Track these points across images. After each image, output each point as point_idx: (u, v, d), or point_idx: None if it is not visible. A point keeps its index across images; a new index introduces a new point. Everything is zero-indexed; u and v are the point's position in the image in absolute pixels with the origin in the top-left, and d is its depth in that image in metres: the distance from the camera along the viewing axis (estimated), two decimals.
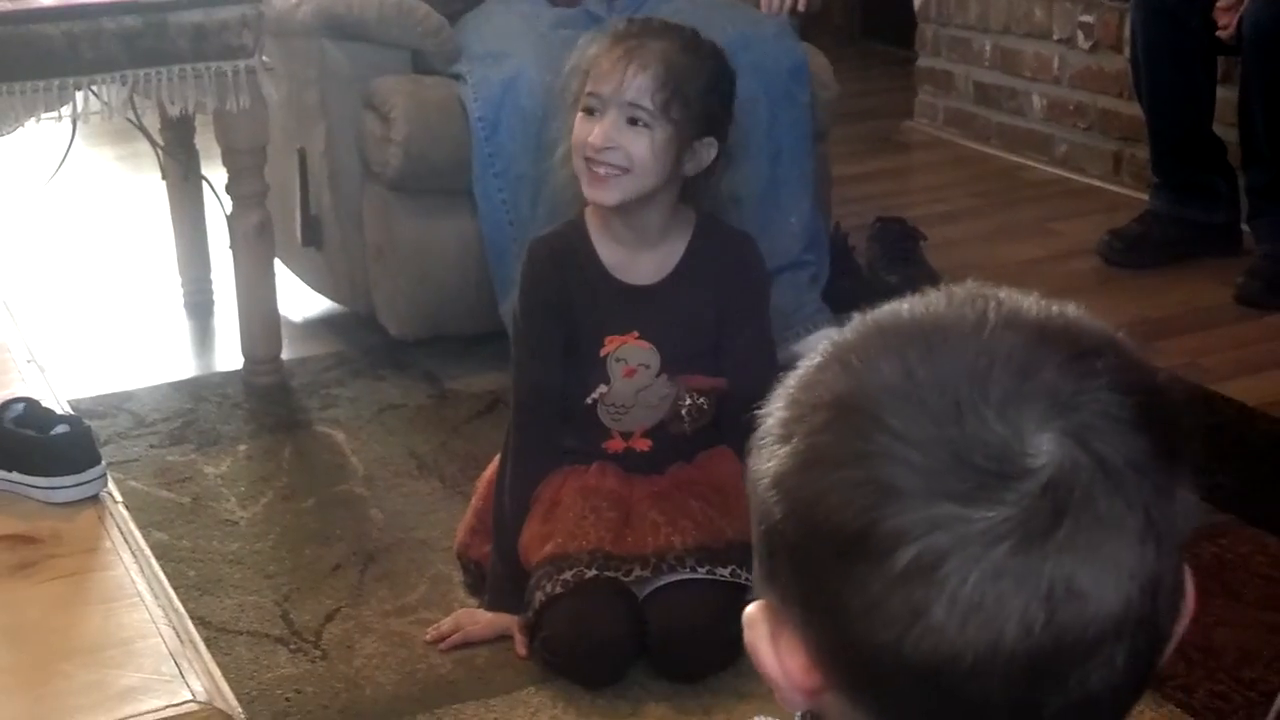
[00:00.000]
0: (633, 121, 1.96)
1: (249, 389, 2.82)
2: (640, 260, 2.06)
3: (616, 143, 1.96)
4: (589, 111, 1.99)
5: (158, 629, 1.37)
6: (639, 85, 1.96)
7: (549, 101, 2.65)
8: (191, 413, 2.74)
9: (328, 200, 2.98)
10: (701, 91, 1.99)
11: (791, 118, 2.87)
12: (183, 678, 1.30)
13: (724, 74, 2.04)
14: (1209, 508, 2.33)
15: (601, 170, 1.97)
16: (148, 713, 1.26)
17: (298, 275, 3.18)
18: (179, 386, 2.85)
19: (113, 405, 2.75)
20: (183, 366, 2.97)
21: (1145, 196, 3.51)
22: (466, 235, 2.84)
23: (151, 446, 2.61)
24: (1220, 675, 1.94)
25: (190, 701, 1.27)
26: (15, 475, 1.63)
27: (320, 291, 3.18)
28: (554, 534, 2.01)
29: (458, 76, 2.86)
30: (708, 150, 2.02)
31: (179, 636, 1.36)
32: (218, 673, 1.33)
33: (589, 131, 1.97)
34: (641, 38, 2.00)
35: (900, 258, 3.22)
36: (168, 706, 1.26)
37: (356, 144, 2.90)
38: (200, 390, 2.83)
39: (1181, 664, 1.96)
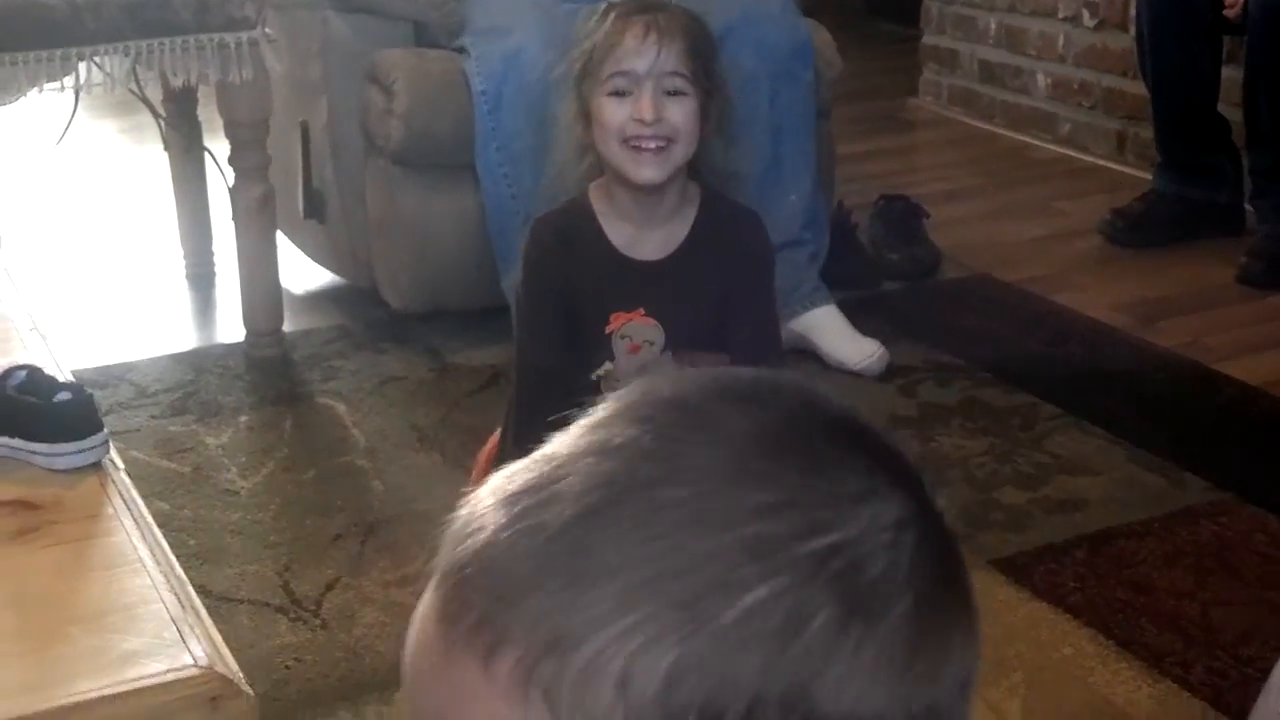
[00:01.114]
0: (669, 92, 1.97)
1: (250, 361, 2.82)
2: (647, 237, 2.06)
3: (661, 114, 1.96)
4: (618, 94, 1.98)
5: (159, 594, 1.38)
6: (676, 52, 1.96)
7: (552, 76, 2.64)
8: (193, 384, 2.74)
9: (330, 174, 2.97)
10: (711, 60, 2.00)
11: (793, 96, 2.86)
12: (184, 642, 1.30)
13: (714, 43, 2.06)
14: (1208, 485, 2.34)
15: (652, 145, 1.96)
16: (149, 676, 1.26)
17: (300, 248, 3.18)
18: (180, 358, 2.85)
19: (114, 376, 2.75)
20: (184, 338, 2.97)
21: (1149, 176, 3.51)
22: (468, 210, 2.84)
23: (153, 417, 2.61)
24: (1219, 653, 1.95)
25: (192, 666, 1.27)
26: (17, 441, 1.63)
27: (322, 264, 3.18)
28: None
29: (461, 50, 2.86)
30: (713, 120, 2.02)
31: (180, 602, 1.36)
32: (219, 638, 1.33)
33: (629, 111, 1.96)
34: (651, 12, 2.00)
35: (904, 236, 3.22)
36: (169, 671, 1.27)
37: (359, 117, 2.90)
38: (202, 362, 2.83)
39: (1180, 641, 1.96)
